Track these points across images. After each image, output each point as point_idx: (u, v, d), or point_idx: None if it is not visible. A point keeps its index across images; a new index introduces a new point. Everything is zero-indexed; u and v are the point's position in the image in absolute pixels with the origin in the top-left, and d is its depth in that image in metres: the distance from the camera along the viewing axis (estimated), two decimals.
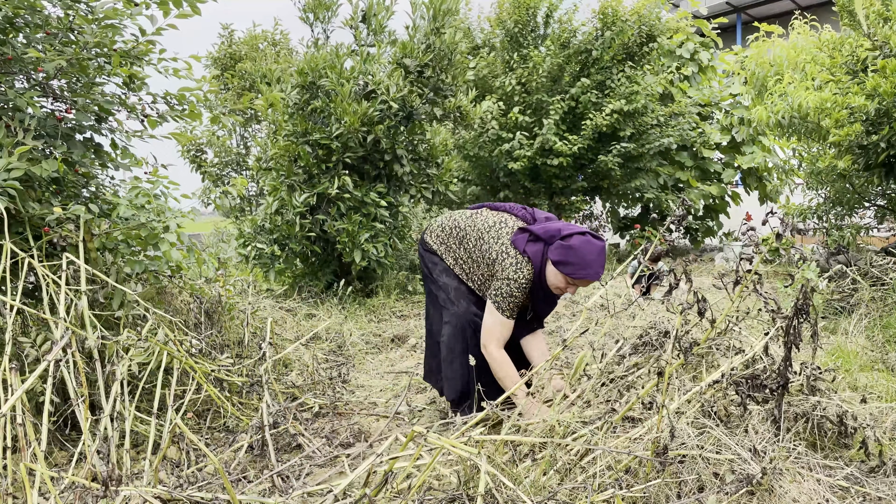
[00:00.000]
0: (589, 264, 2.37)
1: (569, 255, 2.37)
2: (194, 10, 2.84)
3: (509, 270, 2.45)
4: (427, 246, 2.79)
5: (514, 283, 2.44)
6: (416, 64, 5.29)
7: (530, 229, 2.51)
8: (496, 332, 2.48)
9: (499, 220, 2.62)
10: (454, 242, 2.70)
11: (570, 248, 2.38)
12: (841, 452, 2.11)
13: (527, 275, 2.45)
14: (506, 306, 2.46)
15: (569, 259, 2.37)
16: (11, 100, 2.53)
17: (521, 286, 2.45)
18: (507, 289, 2.44)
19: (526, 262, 2.46)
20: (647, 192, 8.90)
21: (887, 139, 4.41)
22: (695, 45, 10.18)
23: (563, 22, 8.25)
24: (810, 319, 2.03)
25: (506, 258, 2.48)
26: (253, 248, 5.50)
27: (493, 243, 2.54)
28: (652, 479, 1.80)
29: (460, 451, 1.58)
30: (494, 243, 2.54)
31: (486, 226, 2.61)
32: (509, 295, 2.45)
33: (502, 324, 2.48)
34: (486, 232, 2.59)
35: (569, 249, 2.38)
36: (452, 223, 2.73)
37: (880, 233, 7.18)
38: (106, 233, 2.68)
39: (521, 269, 2.45)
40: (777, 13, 18.96)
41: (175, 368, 2.43)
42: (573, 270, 2.37)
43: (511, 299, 2.45)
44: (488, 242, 2.56)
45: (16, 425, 1.91)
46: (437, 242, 2.75)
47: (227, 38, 9.39)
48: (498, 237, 2.55)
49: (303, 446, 2.48)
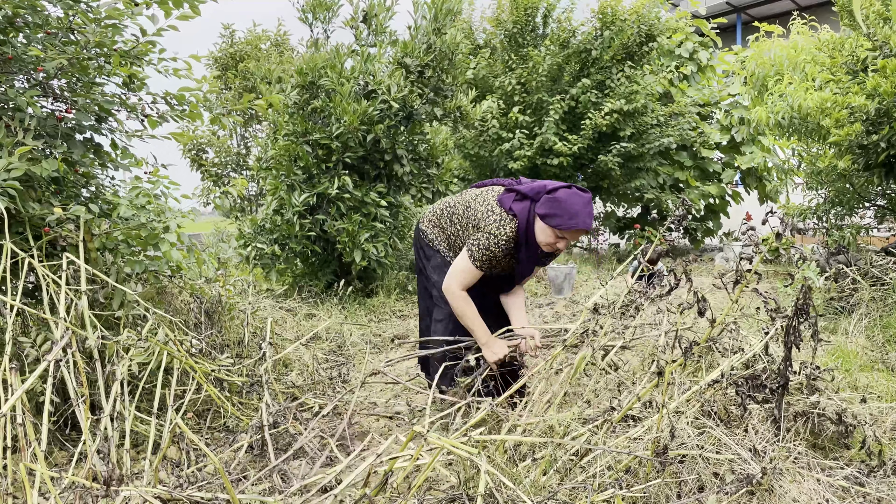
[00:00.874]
0: (576, 214, 2.37)
1: (556, 208, 2.38)
2: (194, 10, 2.84)
3: (492, 226, 2.47)
4: (422, 235, 2.82)
5: (493, 239, 2.45)
6: (416, 64, 5.29)
7: (516, 188, 2.54)
8: (460, 277, 2.50)
9: (485, 189, 2.68)
10: (447, 222, 2.73)
11: (557, 201, 2.39)
12: (841, 452, 2.11)
13: (508, 232, 2.46)
14: (479, 257, 2.47)
15: (556, 211, 2.38)
16: (12, 99, 2.53)
17: (499, 243, 2.46)
18: (486, 241, 2.46)
19: (510, 219, 2.47)
20: (647, 192, 8.90)
21: (887, 139, 4.41)
22: (694, 45, 10.18)
23: (561, 21, 8.25)
24: (810, 319, 2.03)
25: (490, 215, 2.50)
26: (253, 248, 5.50)
27: (479, 206, 2.58)
28: (652, 479, 1.80)
29: (460, 450, 1.58)
30: (480, 206, 2.58)
31: (472, 195, 2.67)
32: (486, 248, 2.46)
33: (470, 271, 2.49)
34: (474, 200, 2.64)
35: (555, 202, 2.39)
36: (444, 205, 2.78)
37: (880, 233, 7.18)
38: (106, 233, 2.68)
39: (504, 226, 2.46)
40: (777, 13, 18.95)
41: (175, 368, 2.43)
42: (561, 222, 2.37)
43: (487, 252, 2.46)
44: (475, 208, 2.59)
45: (16, 425, 1.91)
46: (431, 226, 2.78)
47: (229, 38, 9.39)
48: (484, 200, 2.59)
49: (303, 446, 2.47)
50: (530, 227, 2.48)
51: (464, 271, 2.51)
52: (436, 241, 2.77)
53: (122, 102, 2.94)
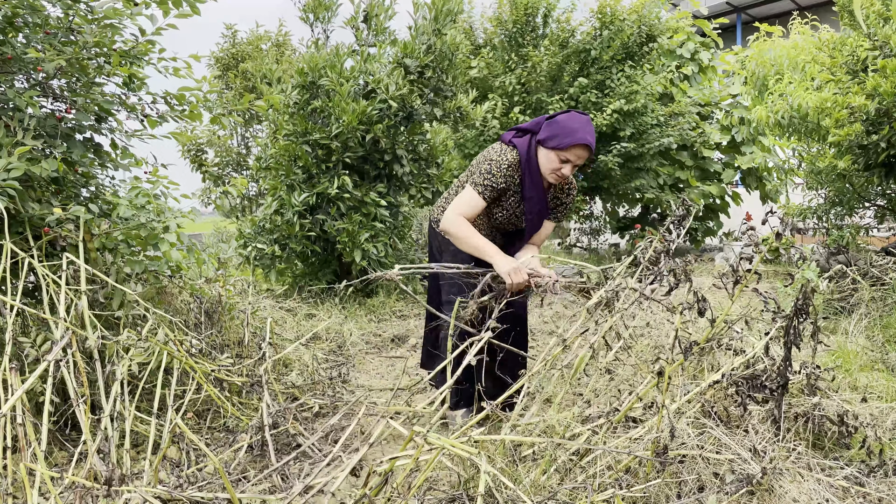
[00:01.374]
0: (574, 131, 2.34)
1: (554, 129, 2.37)
2: (194, 10, 2.84)
3: (492, 153, 2.47)
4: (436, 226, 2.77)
5: (494, 164, 2.44)
6: (416, 64, 5.29)
7: (517, 126, 2.55)
8: (464, 207, 2.47)
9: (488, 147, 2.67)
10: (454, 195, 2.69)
11: (556, 122, 2.39)
12: (841, 452, 2.11)
13: (510, 158, 2.44)
14: (480, 181, 2.44)
15: (555, 132, 2.37)
16: (11, 99, 2.53)
17: (500, 167, 2.44)
18: (487, 166, 2.44)
19: (511, 149, 2.46)
20: (647, 192, 8.90)
21: (887, 139, 4.41)
22: (695, 46, 10.18)
23: (561, 21, 8.25)
24: (810, 319, 2.03)
25: (490, 150, 2.51)
26: (253, 248, 5.50)
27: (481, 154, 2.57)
28: (652, 479, 1.80)
29: (460, 450, 1.58)
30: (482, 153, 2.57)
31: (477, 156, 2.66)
32: (487, 172, 2.44)
33: (472, 198, 2.46)
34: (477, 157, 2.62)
35: (554, 124, 2.39)
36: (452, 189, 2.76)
37: (880, 233, 7.18)
38: (106, 233, 2.68)
39: (505, 154, 2.45)
40: (777, 13, 18.95)
41: (175, 368, 2.43)
42: (560, 141, 2.35)
43: (489, 176, 2.43)
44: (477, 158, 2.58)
45: (16, 425, 1.91)
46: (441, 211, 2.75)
47: (231, 38, 9.38)
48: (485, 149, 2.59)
49: (303, 446, 2.47)
50: (532, 159, 2.46)
51: (466, 202, 2.46)
52: None
53: (121, 102, 2.94)
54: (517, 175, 2.48)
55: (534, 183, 2.49)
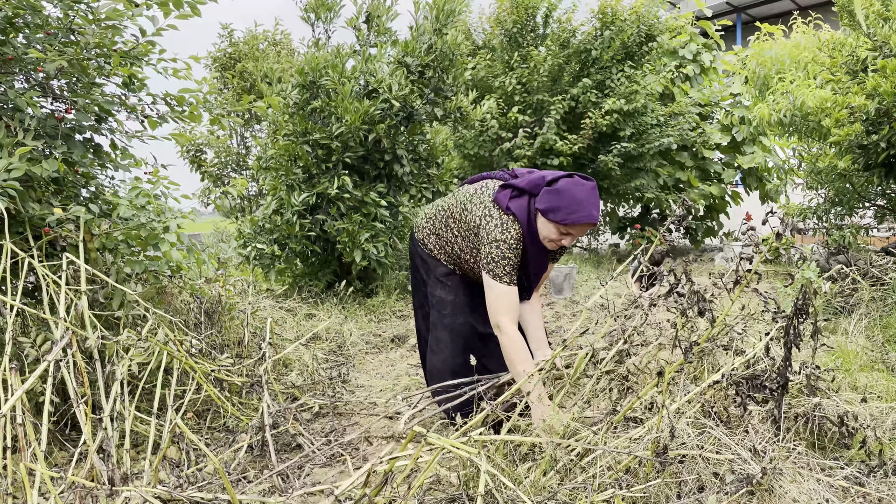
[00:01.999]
0: (580, 204, 2.16)
1: (557, 200, 2.17)
2: (194, 10, 2.84)
3: (495, 232, 2.26)
4: (419, 245, 2.65)
5: (503, 245, 2.25)
6: (417, 64, 5.29)
7: (512, 184, 2.33)
8: (503, 305, 2.25)
9: (478, 186, 2.47)
10: (442, 227, 2.55)
11: (558, 192, 2.18)
12: (841, 452, 2.11)
13: (514, 234, 2.26)
14: (501, 271, 2.25)
15: (557, 204, 2.17)
16: (12, 100, 2.54)
17: (511, 247, 2.26)
18: (499, 251, 2.25)
19: (511, 220, 2.27)
20: (648, 192, 8.91)
21: (887, 139, 4.41)
22: (698, 47, 10.18)
23: (562, 22, 8.25)
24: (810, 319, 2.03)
25: (490, 221, 2.30)
26: (253, 248, 5.51)
27: (476, 208, 2.37)
28: (652, 479, 1.80)
29: (460, 451, 1.58)
30: (476, 208, 2.36)
31: (467, 195, 2.45)
32: (502, 258, 2.25)
33: (507, 293, 2.25)
34: (469, 200, 2.42)
35: (556, 194, 2.18)
36: (436, 209, 2.60)
37: (880, 233, 7.18)
38: (106, 233, 2.68)
39: (508, 229, 2.26)
40: (777, 13, 18.95)
41: (175, 368, 2.43)
42: (564, 215, 2.16)
43: (505, 262, 2.25)
44: (471, 210, 2.39)
45: (16, 425, 1.91)
46: (425, 234, 2.61)
47: (227, 38, 9.38)
48: (480, 201, 2.38)
49: (303, 446, 2.48)
50: (532, 224, 2.29)
51: (499, 297, 2.25)
52: (435, 250, 2.60)
53: (121, 103, 2.94)
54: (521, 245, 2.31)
55: (536, 248, 2.34)
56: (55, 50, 2.62)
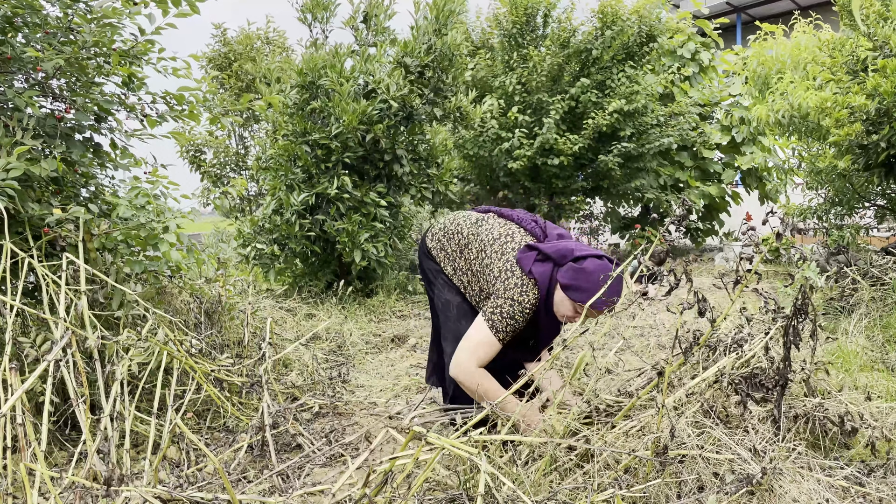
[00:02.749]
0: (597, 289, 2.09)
1: (581, 280, 2.10)
2: (193, 9, 2.84)
3: (514, 291, 2.18)
4: (427, 250, 2.61)
5: (517, 307, 2.17)
6: (416, 64, 5.29)
7: (539, 247, 2.24)
8: (480, 351, 2.20)
9: (505, 233, 2.36)
10: (454, 250, 2.50)
11: (583, 272, 2.11)
12: (841, 452, 2.11)
13: (532, 299, 2.19)
14: (501, 328, 2.18)
15: (581, 284, 2.10)
16: (10, 99, 2.53)
17: (524, 311, 2.18)
18: (510, 310, 2.17)
19: (532, 284, 2.19)
20: (647, 192, 8.91)
21: (887, 139, 4.41)
22: (696, 46, 10.18)
23: (561, 21, 8.25)
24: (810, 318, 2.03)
25: (510, 277, 2.22)
26: (252, 248, 5.50)
27: (497, 259, 2.29)
28: (652, 479, 1.79)
29: (460, 450, 1.58)
30: (497, 259, 2.28)
31: (490, 237, 2.36)
32: (510, 317, 2.18)
33: (490, 345, 2.20)
34: (490, 245, 2.34)
35: (581, 272, 2.11)
36: (455, 227, 2.51)
37: (880, 233, 7.18)
38: (106, 233, 2.68)
39: (527, 293, 2.18)
40: (777, 13, 18.96)
41: (175, 368, 2.43)
42: (584, 297, 2.09)
43: (511, 322, 2.18)
44: (491, 257, 2.31)
45: (16, 425, 1.91)
46: (437, 248, 2.56)
47: (221, 38, 9.35)
48: (502, 252, 2.29)
49: (303, 446, 2.48)
50: (550, 294, 2.21)
51: (482, 344, 2.19)
52: (442, 262, 2.55)
53: (121, 102, 2.94)
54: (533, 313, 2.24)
55: (549, 316, 2.26)
56: (54, 49, 2.61)
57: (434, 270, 2.60)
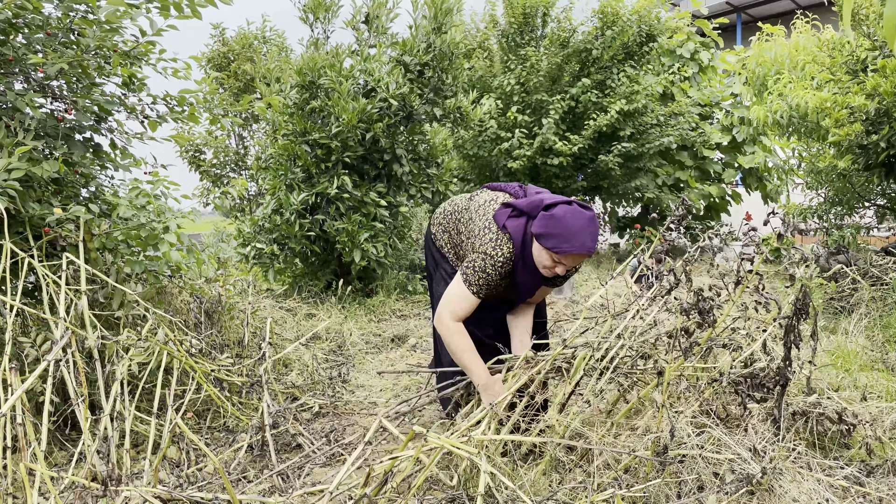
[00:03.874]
0: (574, 235, 2.11)
1: (551, 227, 2.13)
2: (195, 14, 2.84)
3: (487, 246, 2.25)
4: (432, 238, 2.68)
5: (489, 260, 2.23)
6: (416, 63, 5.29)
7: (513, 203, 2.31)
8: (456, 305, 2.26)
9: (490, 198, 2.45)
10: (452, 227, 2.56)
11: (553, 219, 2.14)
12: (841, 452, 2.11)
13: (505, 253, 2.24)
14: (474, 281, 2.24)
15: (552, 230, 2.13)
16: (11, 101, 2.53)
17: (496, 264, 2.23)
18: (482, 264, 2.24)
19: (506, 239, 2.25)
20: (647, 191, 8.91)
21: (887, 139, 4.41)
22: (695, 45, 10.18)
23: (560, 21, 8.25)
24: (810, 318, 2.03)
25: (486, 234, 2.29)
26: (252, 247, 5.50)
27: (479, 220, 2.37)
28: (652, 478, 1.80)
29: (460, 450, 1.58)
30: (479, 220, 2.36)
31: (477, 205, 2.45)
32: (482, 270, 2.23)
33: (466, 299, 2.26)
34: (476, 211, 2.42)
35: (551, 220, 2.14)
36: (454, 206, 2.61)
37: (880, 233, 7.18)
38: (106, 233, 2.68)
39: (500, 247, 2.24)
40: (777, 13, 18.97)
41: (175, 368, 2.43)
42: (557, 243, 2.11)
43: (483, 275, 2.23)
44: (475, 221, 2.39)
45: (16, 425, 1.91)
46: (441, 230, 2.62)
47: (220, 38, 9.33)
48: (484, 214, 2.37)
49: (303, 446, 2.48)
50: (527, 246, 2.26)
51: (459, 298, 2.26)
52: (445, 246, 2.60)
53: (121, 103, 2.94)
54: (510, 269, 2.29)
55: (527, 270, 2.29)
56: (55, 51, 2.61)
57: (437, 259, 2.65)
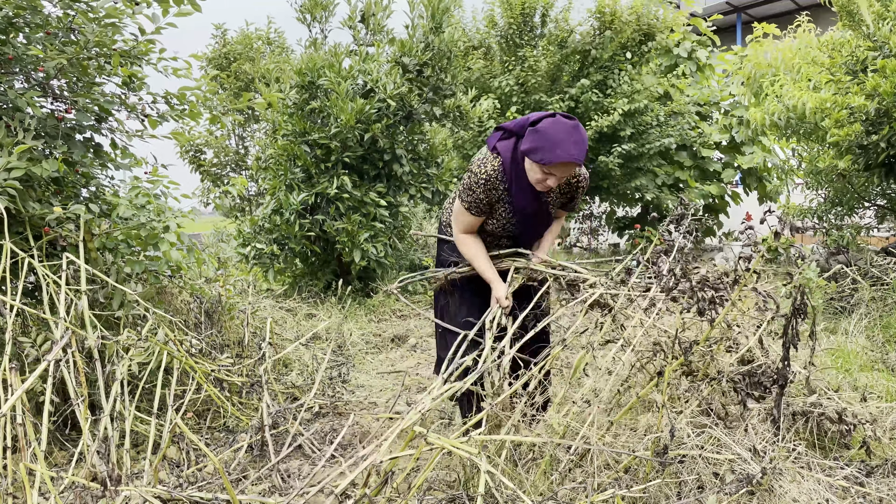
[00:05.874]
0: (558, 144, 2.13)
1: (537, 140, 2.17)
2: (195, 6, 2.83)
3: (474, 165, 2.38)
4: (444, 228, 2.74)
5: (474, 177, 2.34)
6: (415, 63, 5.29)
7: (503, 126, 2.41)
8: (458, 220, 2.47)
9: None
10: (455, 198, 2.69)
11: (538, 133, 2.17)
12: (841, 452, 2.11)
13: (488, 170, 2.33)
14: (465, 197, 2.39)
15: (537, 144, 2.16)
16: (11, 100, 2.53)
17: (480, 181, 2.33)
18: (468, 182, 2.37)
19: (493, 157, 2.35)
20: (647, 192, 8.90)
21: (887, 139, 4.41)
22: (692, 44, 10.17)
23: (559, 21, 8.24)
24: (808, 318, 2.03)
25: (475, 158, 2.43)
26: (252, 247, 5.50)
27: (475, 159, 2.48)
28: (652, 478, 1.80)
29: (460, 450, 1.58)
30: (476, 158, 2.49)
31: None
32: (468, 187, 2.36)
33: (462, 213, 2.42)
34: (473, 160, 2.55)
35: (536, 134, 2.18)
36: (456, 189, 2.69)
37: (880, 233, 7.18)
38: (106, 233, 2.68)
39: (484, 164, 2.34)
40: (777, 13, 18.96)
41: (175, 368, 2.43)
42: (543, 155, 2.15)
43: (469, 192, 2.36)
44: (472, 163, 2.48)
45: (16, 425, 1.91)
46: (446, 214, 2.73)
47: (221, 38, 9.34)
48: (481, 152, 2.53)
49: (303, 446, 2.48)
50: (517, 164, 2.33)
51: (458, 213, 2.46)
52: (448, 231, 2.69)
53: (122, 102, 2.94)
54: (501, 185, 2.36)
55: (522, 189, 2.35)
56: (55, 49, 2.61)
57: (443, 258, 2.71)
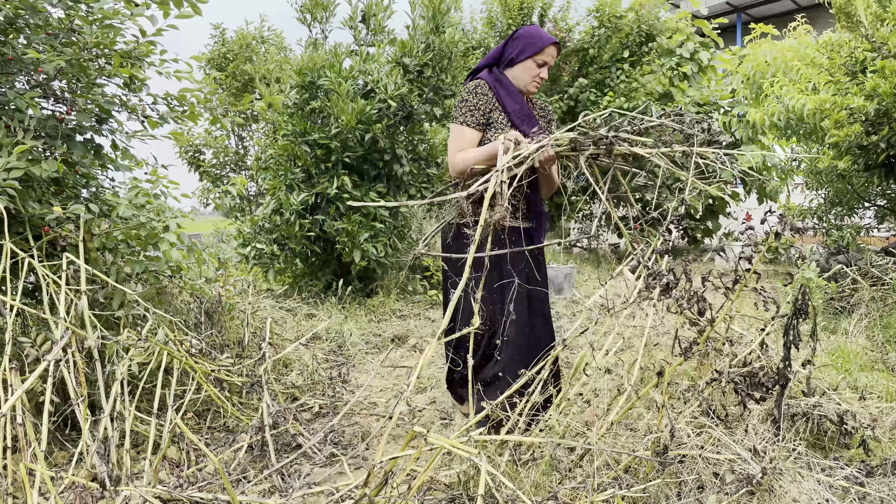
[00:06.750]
0: (539, 34, 2.50)
1: (522, 41, 2.51)
2: (195, 9, 2.84)
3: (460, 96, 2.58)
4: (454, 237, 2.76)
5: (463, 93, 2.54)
6: (415, 63, 5.29)
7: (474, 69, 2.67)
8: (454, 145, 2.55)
9: None
10: None
11: (517, 38, 2.54)
12: (841, 452, 2.11)
13: (476, 82, 2.55)
14: (458, 114, 2.52)
15: (524, 43, 2.50)
16: (12, 100, 2.53)
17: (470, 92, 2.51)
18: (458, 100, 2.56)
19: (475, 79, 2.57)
20: (647, 192, 8.90)
21: (887, 139, 4.42)
22: (695, 45, 10.17)
23: (558, 21, 8.25)
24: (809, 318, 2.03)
25: None
26: (252, 248, 5.50)
27: None
28: (652, 478, 1.80)
29: (461, 451, 1.58)
30: None
31: None
32: (459, 105, 2.53)
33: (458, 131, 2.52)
34: None
35: (517, 40, 2.53)
36: None
37: (880, 233, 7.18)
38: (106, 233, 2.68)
39: (468, 83, 2.58)
40: (777, 13, 18.98)
41: (175, 368, 2.43)
42: (534, 46, 2.49)
43: (461, 105, 2.52)
44: None
45: (16, 425, 1.91)
46: None
47: (220, 38, 9.33)
48: None
49: (303, 446, 2.48)
50: (501, 78, 2.55)
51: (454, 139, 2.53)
52: None
53: (122, 103, 2.94)
54: (490, 94, 2.54)
55: (511, 95, 2.56)
56: (55, 50, 2.61)
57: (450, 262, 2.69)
